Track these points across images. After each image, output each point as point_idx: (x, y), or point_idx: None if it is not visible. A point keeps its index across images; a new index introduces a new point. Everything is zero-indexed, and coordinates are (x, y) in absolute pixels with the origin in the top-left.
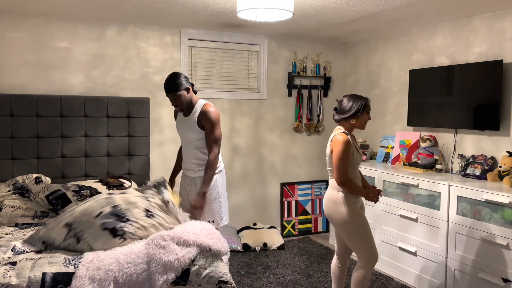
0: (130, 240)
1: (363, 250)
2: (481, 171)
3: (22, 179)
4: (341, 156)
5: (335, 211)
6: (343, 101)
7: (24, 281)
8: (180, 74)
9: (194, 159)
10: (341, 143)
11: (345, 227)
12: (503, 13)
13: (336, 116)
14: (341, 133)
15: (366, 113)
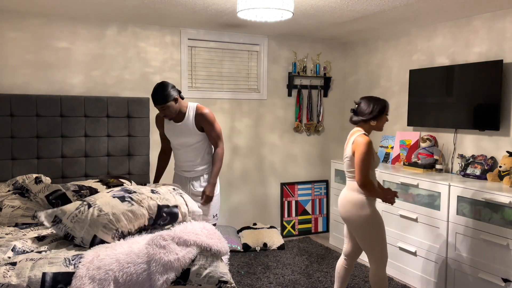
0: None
1: (378, 254)
2: (481, 171)
3: (22, 179)
4: (364, 157)
5: (355, 214)
6: (362, 103)
7: (24, 281)
8: (167, 85)
9: (198, 160)
10: (364, 145)
11: (363, 230)
12: (503, 13)
13: (354, 118)
14: (362, 134)
15: (385, 115)
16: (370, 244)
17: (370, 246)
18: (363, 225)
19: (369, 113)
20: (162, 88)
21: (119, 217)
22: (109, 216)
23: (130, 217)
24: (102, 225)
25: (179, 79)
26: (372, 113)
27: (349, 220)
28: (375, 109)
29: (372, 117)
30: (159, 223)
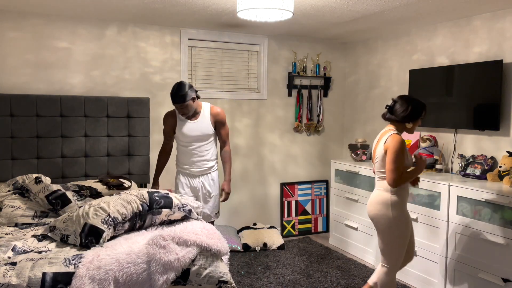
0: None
1: (394, 257)
2: (481, 171)
3: (22, 179)
4: (397, 157)
5: (383, 214)
6: (399, 102)
7: (24, 281)
8: (185, 85)
9: (207, 157)
10: (397, 144)
11: (388, 231)
12: (503, 13)
13: (387, 115)
14: (395, 134)
15: (420, 119)
16: (388, 247)
17: (387, 248)
18: (388, 226)
19: (404, 116)
20: (182, 87)
21: (109, 203)
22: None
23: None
24: (93, 213)
25: (179, 79)
26: (406, 116)
27: (376, 219)
28: (411, 112)
29: (406, 120)
30: (155, 207)
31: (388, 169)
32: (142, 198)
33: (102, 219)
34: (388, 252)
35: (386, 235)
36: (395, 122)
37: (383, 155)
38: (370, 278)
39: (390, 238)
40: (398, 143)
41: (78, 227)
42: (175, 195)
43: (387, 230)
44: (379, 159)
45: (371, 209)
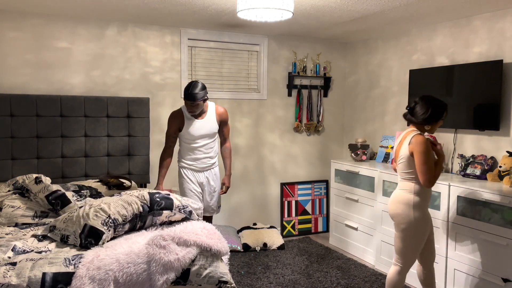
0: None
1: (408, 258)
2: (481, 171)
3: (22, 179)
4: (426, 157)
5: (405, 213)
6: (419, 104)
7: (24, 281)
8: (200, 85)
9: (211, 154)
10: (423, 144)
11: (408, 231)
12: (503, 13)
13: (408, 116)
14: (419, 134)
15: (441, 120)
16: (404, 246)
17: (403, 247)
18: (407, 226)
19: (424, 119)
20: (197, 86)
21: (110, 204)
22: (100, 205)
23: (121, 204)
24: (93, 214)
25: (179, 79)
26: (426, 119)
27: (397, 219)
28: (431, 115)
29: (426, 122)
30: (156, 208)
31: (421, 171)
32: (143, 199)
33: (102, 221)
34: (405, 251)
35: (405, 235)
36: (416, 123)
37: (409, 156)
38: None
39: (409, 238)
40: (424, 143)
41: (78, 228)
42: (176, 196)
43: (406, 230)
44: (404, 160)
45: (393, 208)
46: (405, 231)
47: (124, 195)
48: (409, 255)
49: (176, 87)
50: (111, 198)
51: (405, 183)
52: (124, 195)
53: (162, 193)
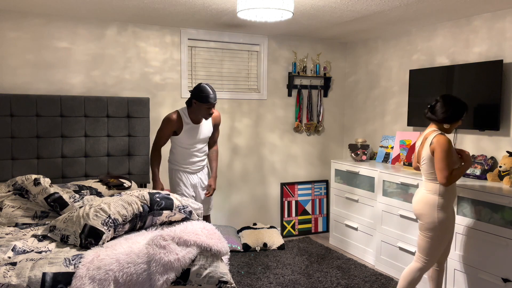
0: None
1: (431, 256)
2: (481, 171)
3: (22, 180)
4: (446, 156)
5: (430, 214)
6: (440, 103)
7: (24, 281)
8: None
9: (202, 157)
10: (444, 144)
11: (432, 230)
12: (503, 13)
13: (428, 114)
14: (440, 134)
15: (461, 120)
16: (428, 245)
17: (426, 247)
18: (432, 226)
19: (443, 117)
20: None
21: (110, 204)
22: (100, 205)
23: (121, 204)
24: (94, 214)
25: (179, 79)
26: (446, 118)
27: (421, 218)
28: (451, 114)
29: (445, 121)
30: (156, 208)
31: (438, 168)
32: (143, 199)
33: (102, 221)
34: (429, 251)
35: (429, 236)
36: (436, 121)
37: (431, 156)
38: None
39: (433, 238)
40: (445, 142)
41: (78, 228)
42: (176, 196)
43: (430, 231)
44: (426, 161)
45: (418, 207)
46: (429, 231)
47: (124, 195)
48: (433, 254)
49: (176, 87)
50: (111, 198)
51: (429, 184)
52: (124, 195)
53: (162, 193)
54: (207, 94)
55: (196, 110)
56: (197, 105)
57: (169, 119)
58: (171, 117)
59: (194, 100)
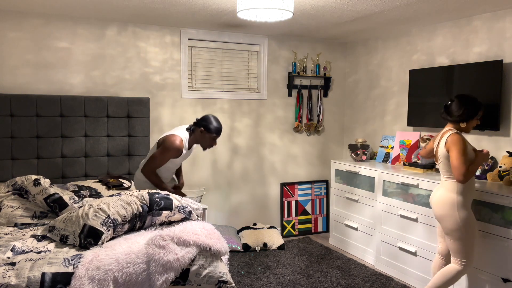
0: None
1: (465, 258)
2: (481, 171)
3: (21, 180)
4: (460, 154)
5: (450, 214)
6: (455, 103)
7: (24, 281)
8: None
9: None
10: (458, 142)
11: (457, 231)
12: (503, 13)
13: (443, 114)
14: (455, 133)
15: (476, 119)
16: (458, 245)
17: (458, 247)
18: (456, 227)
19: (458, 116)
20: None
21: (109, 205)
22: (99, 205)
23: (120, 204)
24: (93, 214)
25: (179, 79)
26: (460, 116)
27: (443, 220)
28: (465, 113)
29: (461, 120)
30: (155, 208)
31: (454, 166)
32: (142, 199)
33: (101, 221)
34: (461, 252)
35: (457, 236)
36: (452, 121)
37: (446, 155)
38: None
39: (460, 238)
40: (459, 140)
41: (77, 228)
42: (176, 197)
43: (456, 232)
44: (442, 160)
45: (438, 209)
46: (455, 232)
47: (123, 195)
48: (468, 253)
49: (176, 87)
50: (111, 198)
51: (447, 182)
52: (124, 195)
53: (162, 193)
54: (217, 126)
55: (199, 138)
56: (203, 134)
57: (179, 148)
58: (180, 147)
59: (202, 129)
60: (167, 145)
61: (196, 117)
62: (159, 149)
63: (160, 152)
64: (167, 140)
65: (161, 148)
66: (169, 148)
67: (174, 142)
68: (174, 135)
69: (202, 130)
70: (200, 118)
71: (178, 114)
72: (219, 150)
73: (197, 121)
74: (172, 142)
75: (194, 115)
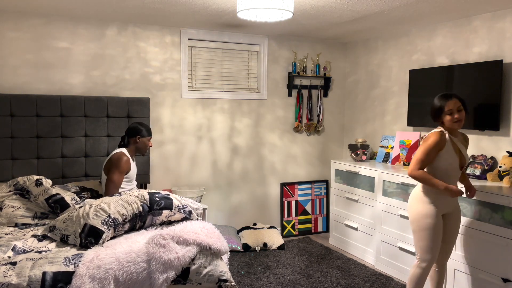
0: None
1: (418, 252)
2: (481, 171)
3: (23, 180)
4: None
5: (411, 207)
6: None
7: (25, 280)
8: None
9: None
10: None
11: (412, 223)
12: (503, 13)
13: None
14: (434, 131)
15: (447, 114)
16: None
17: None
18: (412, 219)
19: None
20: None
21: (110, 204)
22: (100, 204)
23: (121, 204)
24: (93, 213)
25: (179, 79)
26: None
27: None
28: (431, 114)
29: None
30: (155, 208)
31: (412, 159)
32: (143, 199)
33: (102, 220)
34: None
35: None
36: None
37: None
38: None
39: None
40: (429, 138)
41: (78, 228)
42: (176, 196)
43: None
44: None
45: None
46: (411, 224)
47: (124, 195)
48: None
49: (176, 87)
50: (111, 197)
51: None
52: (124, 195)
53: (162, 193)
54: (148, 127)
55: (140, 146)
56: (141, 141)
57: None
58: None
59: (138, 136)
60: (116, 162)
61: (195, 117)
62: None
63: (113, 173)
64: (114, 159)
65: (113, 168)
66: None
67: (120, 157)
68: (116, 153)
69: (139, 137)
70: (128, 130)
71: (178, 114)
72: (219, 150)
73: (127, 134)
74: (119, 157)
75: (194, 115)
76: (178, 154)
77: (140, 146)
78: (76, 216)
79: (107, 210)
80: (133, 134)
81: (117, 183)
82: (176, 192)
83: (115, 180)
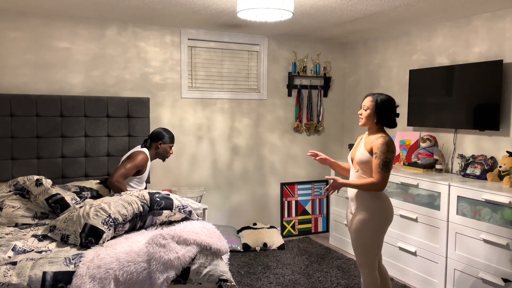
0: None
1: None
2: (481, 171)
3: (23, 180)
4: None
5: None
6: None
7: (25, 280)
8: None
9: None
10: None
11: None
12: (503, 13)
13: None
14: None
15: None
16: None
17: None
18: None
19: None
20: None
21: (110, 204)
22: (100, 204)
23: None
24: (94, 213)
25: (179, 79)
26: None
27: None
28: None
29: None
30: (156, 208)
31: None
32: (143, 199)
33: (102, 220)
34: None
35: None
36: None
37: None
38: None
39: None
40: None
41: (78, 227)
42: (176, 196)
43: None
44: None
45: None
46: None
47: (124, 195)
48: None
49: (176, 87)
50: (111, 197)
51: None
52: (124, 195)
53: (162, 193)
54: (171, 134)
55: (161, 152)
56: (163, 147)
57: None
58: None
59: (160, 142)
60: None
61: (195, 117)
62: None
63: (128, 162)
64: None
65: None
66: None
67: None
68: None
69: (161, 143)
70: (151, 134)
71: (178, 114)
72: (219, 150)
73: (150, 138)
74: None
75: (194, 115)
76: (178, 154)
77: (161, 151)
78: (76, 216)
79: (108, 210)
80: (156, 139)
81: (127, 172)
82: (176, 192)
83: (127, 167)
